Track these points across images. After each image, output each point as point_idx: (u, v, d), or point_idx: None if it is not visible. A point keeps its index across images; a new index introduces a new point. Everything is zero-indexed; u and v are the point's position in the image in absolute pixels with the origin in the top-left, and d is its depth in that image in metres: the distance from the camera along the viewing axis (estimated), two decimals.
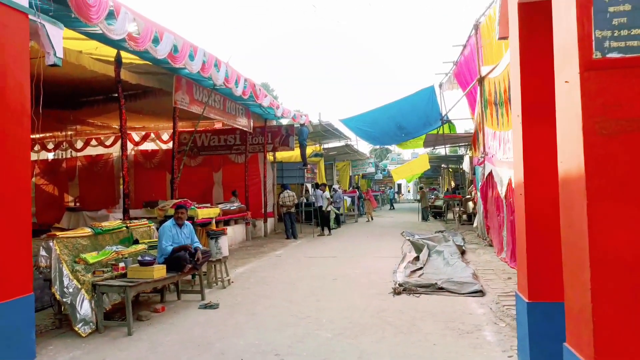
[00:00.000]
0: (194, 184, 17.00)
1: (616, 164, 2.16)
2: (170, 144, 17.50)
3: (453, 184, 30.76)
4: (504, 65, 8.83)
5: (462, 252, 9.88)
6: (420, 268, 8.24)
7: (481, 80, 10.89)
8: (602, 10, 2.17)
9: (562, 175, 2.46)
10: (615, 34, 2.17)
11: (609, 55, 2.17)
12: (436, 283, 6.70)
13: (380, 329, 5.00)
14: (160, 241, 6.17)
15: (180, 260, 6.07)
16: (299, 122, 15.35)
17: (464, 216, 18.94)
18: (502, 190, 9.25)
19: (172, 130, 16.76)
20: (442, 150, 31.79)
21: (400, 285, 6.77)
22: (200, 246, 6.68)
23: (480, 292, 6.34)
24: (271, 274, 8.53)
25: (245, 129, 14.03)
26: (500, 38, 4.40)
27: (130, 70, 9.07)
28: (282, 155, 20.45)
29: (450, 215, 21.69)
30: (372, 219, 22.41)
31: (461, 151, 29.67)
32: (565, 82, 2.38)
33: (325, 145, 23.96)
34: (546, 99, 3.53)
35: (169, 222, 6.39)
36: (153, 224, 7.08)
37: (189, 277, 7.03)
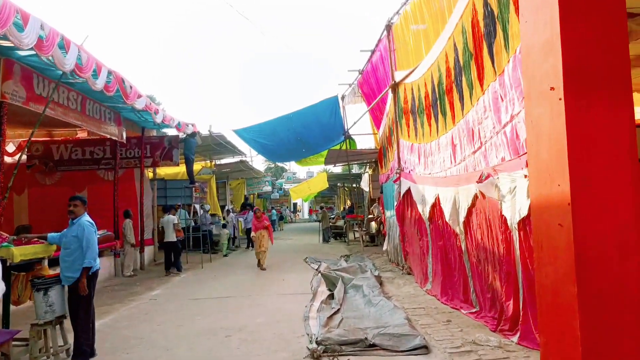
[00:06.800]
0: (49, 206, 13.58)
1: None
2: (19, 157, 14.04)
3: (349, 202, 30.17)
4: (426, 66, 7.69)
5: (380, 283, 8.44)
6: (338, 310, 6.54)
7: (395, 87, 9.75)
8: None
9: None
10: None
11: None
12: (366, 338, 5.02)
13: None
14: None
15: None
16: (184, 132, 13.00)
17: (367, 237, 17.95)
18: (424, 210, 8.02)
19: (20, 139, 13.54)
20: (337, 169, 31.25)
21: (318, 343, 4.97)
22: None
23: (424, 348, 4.80)
24: (139, 331, 6.18)
25: (114, 138, 11.35)
26: None
27: None
28: (166, 171, 17.79)
29: (351, 236, 20.64)
30: (262, 266, 11.90)
31: (356, 169, 29.26)
32: None
33: (218, 162, 21.65)
34: (609, 61, 2.05)
35: None
36: None
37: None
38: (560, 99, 2.04)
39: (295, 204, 55.68)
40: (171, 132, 14.57)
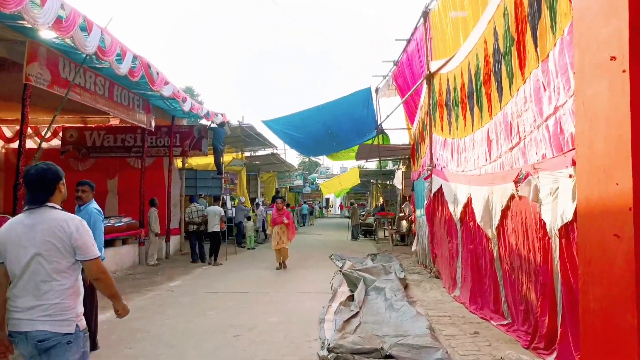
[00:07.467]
0: None
1: None
2: (55, 142, 14.30)
3: (382, 200, 29.53)
4: (463, 54, 7.12)
5: (405, 286, 7.96)
6: (356, 314, 6.12)
7: (430, 78, 9.18)
8: None
9: None
10: None
11: None
12: (382, 347, 4.59)
13: None
14: None
15: None
16: (213, 121, 12.85)
17: (397, 236, 17.37)
18: (455, 210, 7.48)
19: (56, 125, 13.75)
20: (371, 165, 30.59)
21: (329, 350, 4.58)
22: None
23: None
24: (149, 324, 5.97)
25: (143, 125, 11.30)
26: None
27: None
28: (197, 161, 17.78)
29: (381, 234, 20.09)
30: (283, 264, 10.87)
31: (390, 166, 28.56)
32: None
33: (250, 154, 21.55)
34: None
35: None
36: None
37: None
38: (623, 71, 1.55)
39: (327, 199, 55.36)
40: (203, 122, 14.48)
